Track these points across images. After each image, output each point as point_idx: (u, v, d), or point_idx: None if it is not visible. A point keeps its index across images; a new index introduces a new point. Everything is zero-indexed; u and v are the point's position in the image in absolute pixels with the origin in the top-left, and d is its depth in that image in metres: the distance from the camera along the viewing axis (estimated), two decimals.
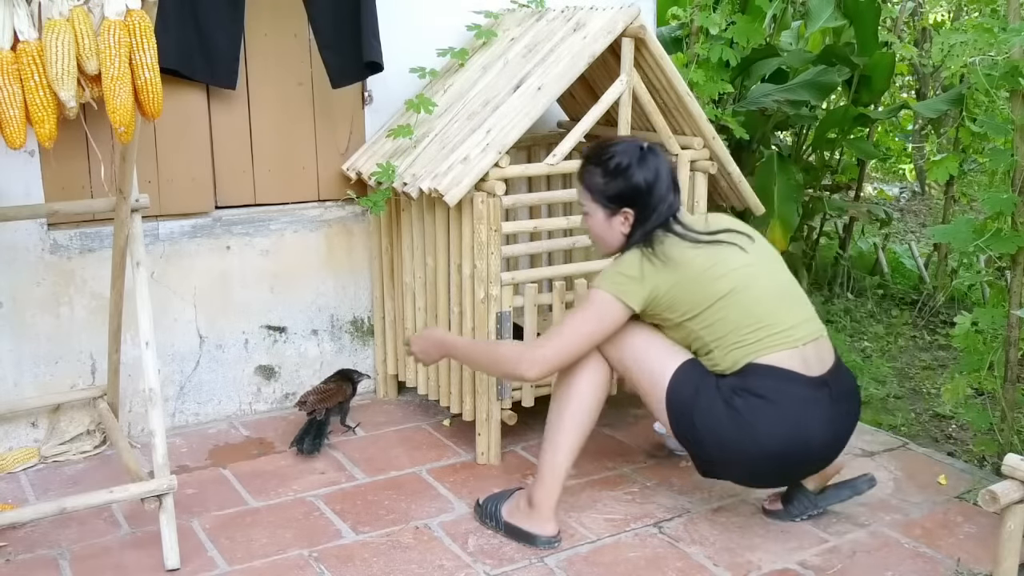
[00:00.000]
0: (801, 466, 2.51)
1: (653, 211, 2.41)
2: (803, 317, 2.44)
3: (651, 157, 2.43)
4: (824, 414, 2.38)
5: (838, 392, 2.42)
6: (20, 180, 2.92)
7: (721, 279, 2.36)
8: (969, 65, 2.82)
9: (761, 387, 2.32)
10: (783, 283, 2.48)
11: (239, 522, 2.69)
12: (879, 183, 7.70)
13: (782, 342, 2.36)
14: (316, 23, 3.19)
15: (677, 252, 2.37)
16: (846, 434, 2.48)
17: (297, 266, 3.40)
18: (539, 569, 2.45)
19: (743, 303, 2.35)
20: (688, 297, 2.36)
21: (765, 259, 2.48)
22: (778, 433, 2.32)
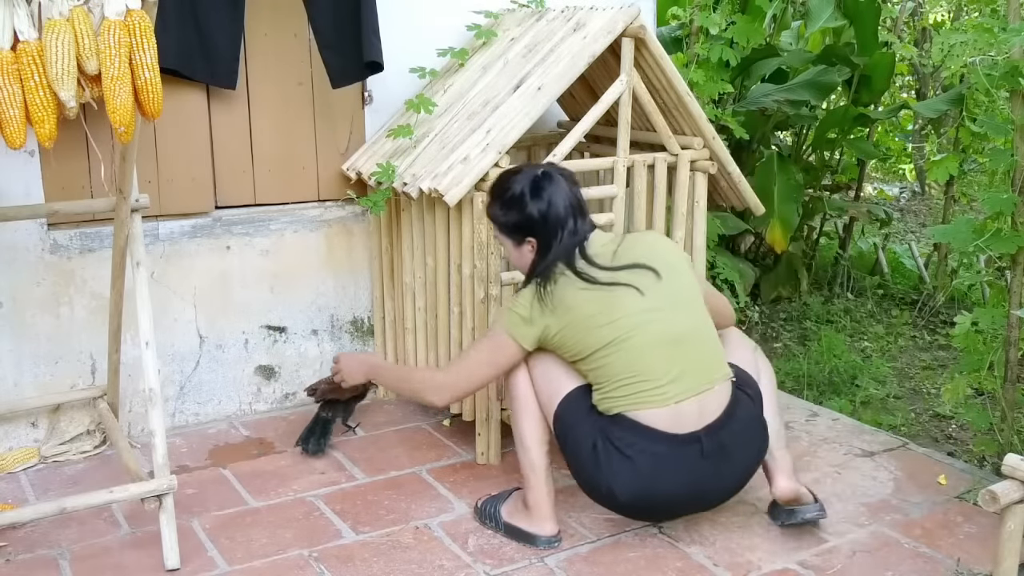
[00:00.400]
0: (659, 515, 2.53)
1: (553, 240, 2.40)
2: (689, 370, 2.36)
3: (546, 186, 2.41)
4: (682, 472, 2.35)
5: (713, 447, 2.36)
6: (20, 180, 2.92)
7: (606, 327, 2.33)
8: (969, 65, 2.82)
9: (621, 440, 2.34)
10: (676, 331, 2.37)
11: (239, 522, 2.69)
12: (879, 183, 7.71)
13: (653, 399, 2.33)
14: (316, 23, 3.19)
15: (568, 295, 2.35)
16: (718, 487, 2.43)
17: (297, 266, 3.40)
18: (539, 569, 2.45)
19: (623, 355, 2.33)
20: (573, 343, 2.38)
21: (665, 301, 2.37)
22: (627, 487, 2.36)
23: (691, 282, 2.48)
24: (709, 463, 2.37)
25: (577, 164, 3.08)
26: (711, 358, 2.43)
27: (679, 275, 2.45)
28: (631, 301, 2.35)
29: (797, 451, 3.11)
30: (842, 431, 3.27)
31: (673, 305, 2.39)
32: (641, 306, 2.35)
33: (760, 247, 5.26)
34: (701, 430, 2.37)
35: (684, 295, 2.43)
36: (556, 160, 2.89)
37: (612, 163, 3.03)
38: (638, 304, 2.35)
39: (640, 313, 2.34)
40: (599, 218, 3.01)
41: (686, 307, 2.42)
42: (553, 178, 2.44)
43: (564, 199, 2.41)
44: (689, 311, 2.43)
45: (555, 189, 2.41)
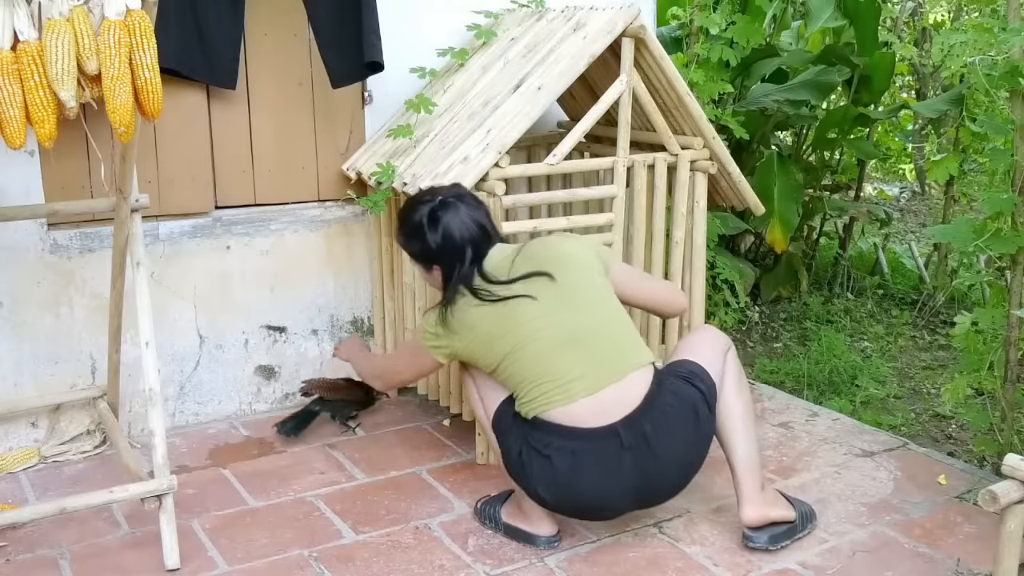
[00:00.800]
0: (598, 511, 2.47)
1: (454, 266, 2.49)
2: (592, 365, 2.37)
3: (442, 216, 2.49)
4: (604, 466, 2.34)
5: (633, 438, 2.34)
6: (20, 180, 2.92)
7: (504, 339, 2.40)
8: (969, 65, 2.82)
9: (539, 441, 2.38)
10: (573, 330, 2.39)
11: (239, 522, 2.69)
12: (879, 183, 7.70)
13: (559, 398, 2.36)
14: (316, 23, 3.19)
15: (467, 315, 2.44)
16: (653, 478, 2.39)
17: (297, 266, 3.40)
18: (539, 569, 2.45)
19: (524, 361, 2.39)
20: (480, 358, 2.47)
21: (560, 303, 2.40)
22: (549, 487, 2.39)
23: (592, 279, 2.48)
24: (632, 454, 2.35)
25: (577, 164, 3.08)
26: (619, 350, 2.42)
27: (578, 274, 2.46)
28: (525, 310, 2.40)
29: (797, 451, 3.11)
30: (842, 431, 3.27)
31: (568, 306, 2.41)
32: (535, 313, 2.40)
33: (760, 247, 5.26)
34: (619, 421, 2.35)
35: (582, 294, 2.44)
36: (556, 160, 2.89)
37: (612, 163, 3.03)
38: (532, 311, 2.40)
39: (535, 320, 2.39)
40: (599, 218, 3.02)
41: (584, 305, 2.43)
42: (450, 206, 2.51)
43: (460, 227, 2.49)
44: (588, 309, 2.43)
45: (451, 218, 2.49)
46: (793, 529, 2.53)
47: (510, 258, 2.49)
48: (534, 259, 2.46)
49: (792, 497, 2.63)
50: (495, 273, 2.46)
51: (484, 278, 2.46)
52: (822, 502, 2.77)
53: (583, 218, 3.01)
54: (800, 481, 2.90)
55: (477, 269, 2.48)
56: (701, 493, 2.81)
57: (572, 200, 3.05)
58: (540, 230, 2.99)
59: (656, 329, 3.25)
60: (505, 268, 2.47)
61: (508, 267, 2.47)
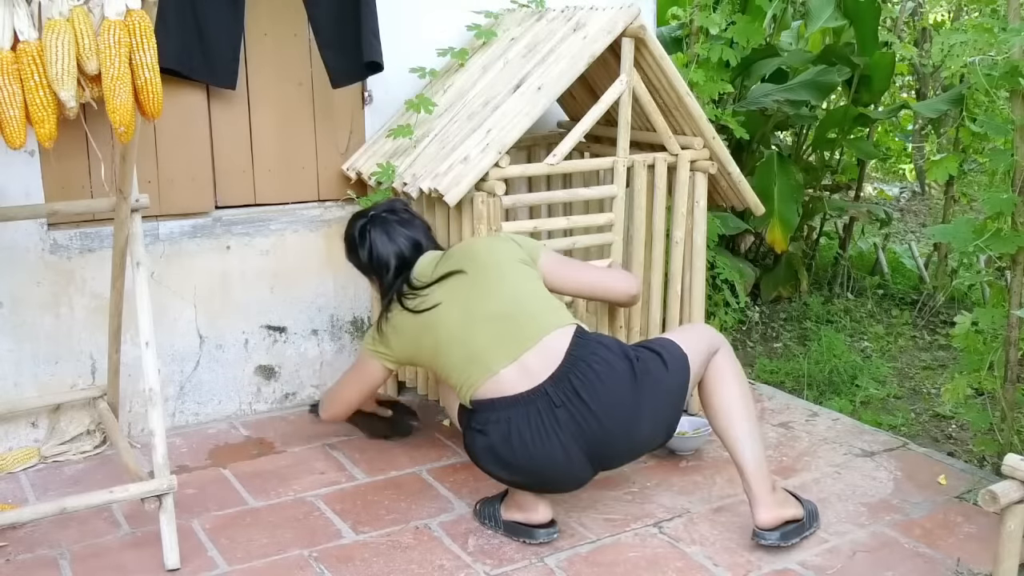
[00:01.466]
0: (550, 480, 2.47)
1: (383, 278, 2.71)
2: (507, 337, 2.44)
3: (370, 231, 2.72)
4: (541, 427, 2.37)
5: (564, 394, 2.37)
6: (20, 180, 2.92)
7: (427, 338, 2.55)
8: (969, 65, 2.82)
9: (477, 422, 2.46)
10: (485, 312, 2.48)
11: (239, 522, 2.69)
12: (879, 183, 7.71)
13: (482, 372, 2.44)
14: (316, 23, 3.19)
15: (396, 321, 2.63)
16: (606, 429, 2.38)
17: (297, 266, 3.40)
18: (539, 569, 2.45)
19: (448, 353, 2.51)
20: (417, 360, 2.67)
21: (473, 293, 2.52)
22: (497, 460, 2.44)
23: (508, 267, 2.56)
24: (566, 410, 2.37)
25: (577, 164, 3.08)
26: (533, 318, 2.48)
27: (491, 266, 2.56)
28: (444, 309, 2.53)
29: (797, 451, 3.11)
30: (842, 431, 3.27)
31: (481, 294, 2.51)
32: (452, 310, 2.52)
33: (760, 247, 5.26)
34: (545, 381, 2.39)
35: (494, 281, 2.53)
36: (556, 160, 2.89)
37: (612, 163, 3.03)
38: (450, 309, 2.52)
39: (452, 315, 2.51)
40: (599, 218, 3.02)
41: (496, 290, 2.52)
42: (379, 222, 2.73)
43: (386, 242, 2.70)
44: (500, 291, 2.51)
45: (378, 233, 2.71)
46: (802, 527, 2.54)
47: (433, 263, 2.64)
48: (451, 259, 2.60)
49: (798, 495, 2.64)
50: (420, 279, 2.61)
51: (410, 286, 2.61)
52: (822, 502, 2.77)
53: (583, 218, 3.01)
54: (800, 481, 2.90)
55: (405, 279, 2.64)
56: (701, 493, 2.81)
57: (572, 200, 3.05)
58: (540, 230, 3.00)
59: (656, 329, 3.25)
60: (428, 273, 2.61)
61: (431, 272, 2.60)
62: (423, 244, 2.73)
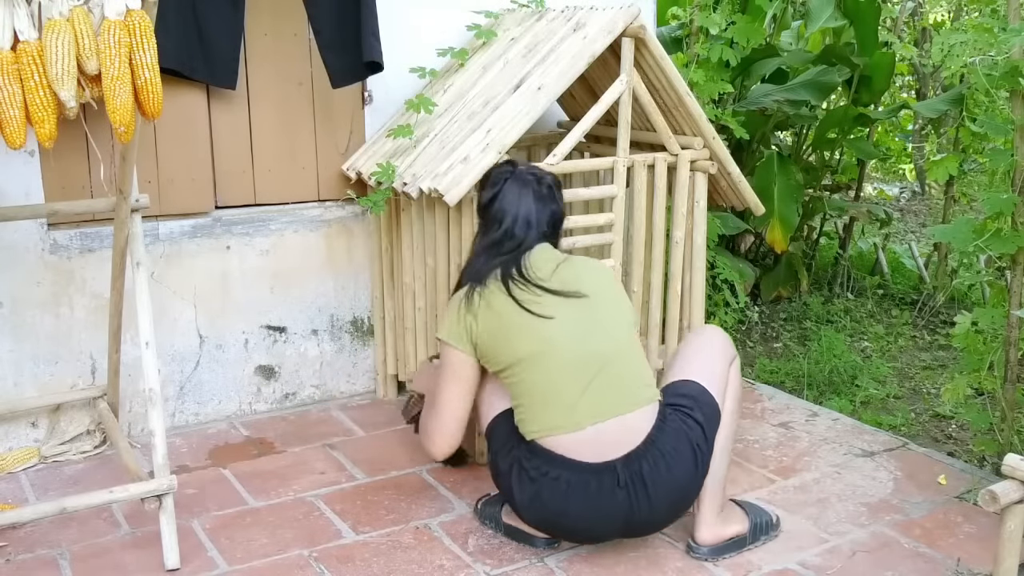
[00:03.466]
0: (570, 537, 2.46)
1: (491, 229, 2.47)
2: (603, 393, 2.32)
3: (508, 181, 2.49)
4: (594, 501, 2.31)
5: (630, 477, 2.30)
6: (20, 180, 2.92)
7: (523, 341, 2.33)
8: (969, 65, 2.82)
9: (533, 467, 2.34)
10: (591, 353, 2.33)
11: (239, 522, 2.69)
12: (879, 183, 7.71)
13: (564, 424, 2.31)
14: (316, 23, 3.19)
15: (496, 301, 2.37)
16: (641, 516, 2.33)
17: (297, 266, 3.40)
18: (539, 569, 2.45)
19: (536, 371, 2.33)
20: (493, 350, 2.37)
21: (586, 325, 2.35)
22: (536, 511, 2.38)
23: (620, 310, 2.45)
24: (626, 493, 2.30)
25: (577, 164, 3.08)
26: (629, 384, 2.36)
27: (608, 302, 2.43)
28: (556, 327, 2.34)
29: (797, 451, 3.11)
30: (842, 431, 3.27)
31: (593, 329, 2.36)
32: (560, 326, 2.34)
33: (760, 247, 5.26)
34: (618, 459, 2.31)
35: (609, 320, 2.40)
36: (556, 160, 2.89)
37: (612, 163, 3.03)
38: (557, 324, 2.34)
39: (558, 333, 2.33)
40: (599, 218, 3.02)
41: (608, 332, 2.38)
42: (522, 180, 2.50)
43: (515, 200, 2.47)
44: (610, 336, 2.38)
45: (513, 187, 2.48)
46: (741, 542, 2.51)
47: (553, 264, 2.43)
48: (574, 270, 2.42)
49: (752, 506, 2.60)
50: (536, 271, 2.39)
51: (522, 272, 2.39)
52: (822, 502, 2.77)
53: (583, 218, 3.01)
54: (800, 481, 2.90)
55: (517, 257, 2.41)
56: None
57: (572, 200, 3.05)
58: None
59: (656, 328, 3.25)
60: (548, 271, 2.41)
61: (552, 270, 2.41)
62: (545, 231, 2.49)
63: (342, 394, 3.56)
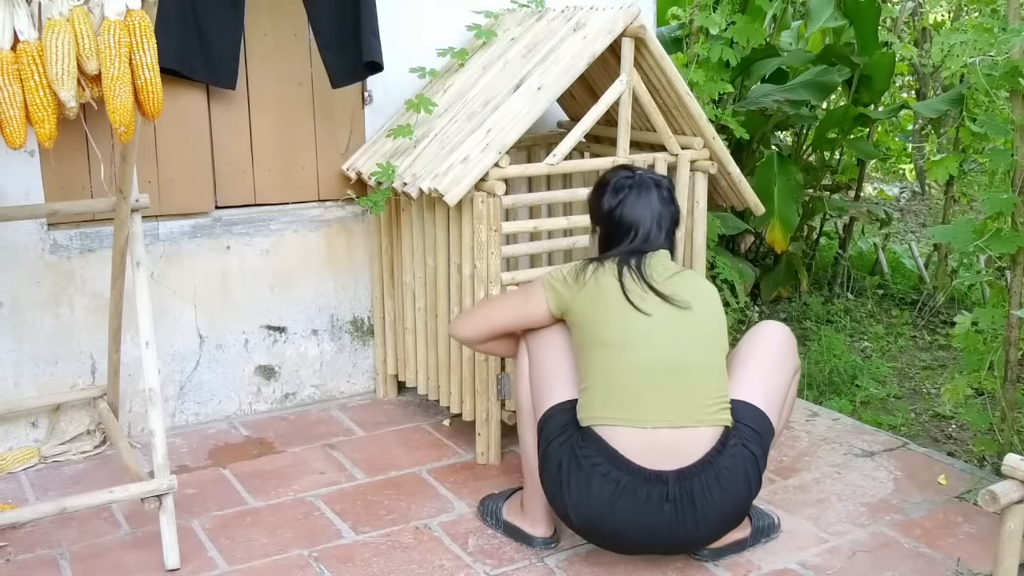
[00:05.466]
0: (612, 545, 2.40)
1: (613, 237, 2.46)
2: (674, 399, 2.29)
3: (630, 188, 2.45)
4: (639, 509, 2.26)
5: (680, 493, 2.26)
6: (20, 180, 2.92)
7: (614, 326, 2.32)
8: (969, 65, 2.82)
9: (587, 458, 2.29)
10: (676, 360, 2.30)
11: (239, 522, 2.69)
12: (879, 183, 7.71)
13: (626, 418, 2.28)
14: (316, 23, 3.19)
15: (604, 278, 2.37)
16: (681, 535, 2.29)
17: (297, 266, 3.40)
18: (539, 569, 2.45)
19: (616, 359, 2.30)
20: (583, 325, 2.37)
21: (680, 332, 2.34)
22: (582, 508, 2.30)
23: (716, 332, 2.40)
24: (672, 508, 2.26)
25: (577, 164, 3.08)
26: (703, 400, 2.32)
27: (707, 321, 2.39)
28: (646, 316, 2.32)
29: (797, 451, 3.11)
30: (842, 431, 3.27)
31: (682, 339, 2.33)
32: (655, 323, 2.32)
33: (760, 247, 5.26)
34: (672, 472, 2.26)
35: (702, 336, 2.37)
36: (556, 160, 2.89)
37: (612, 163, 3.02)
38: (649, 322, 2.32)
39: (646, 331, 2.31)
40: None
41: (697, 346, 2.35)
42: (644, 186, 2.46)
43: (639, 208, 2.44)
44: (698, 350, 2.34)
45: (636, 195, 2.44)
46: (742, 544, 2.51)
47: (670, 272, 2.41)
48: (686, 281, 2.41)
49: (754, 509, 2.59)
50: (653, 273, 2.38)
51: (639, 269, 2.38)
52: (822, 502, 2.77)
53: (583, 218, 3.00)
54: (800, 481, 2.90)
55: (637, 258, 2.40)
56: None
57: (572, 200, 3.05)
58: (540, 230, 3.00)
59: None
60: (663, 278, 2.38)
61: (667, 277, 2.39)
62: (667, 237, 2.48)
63: (342, 394, 3.56)
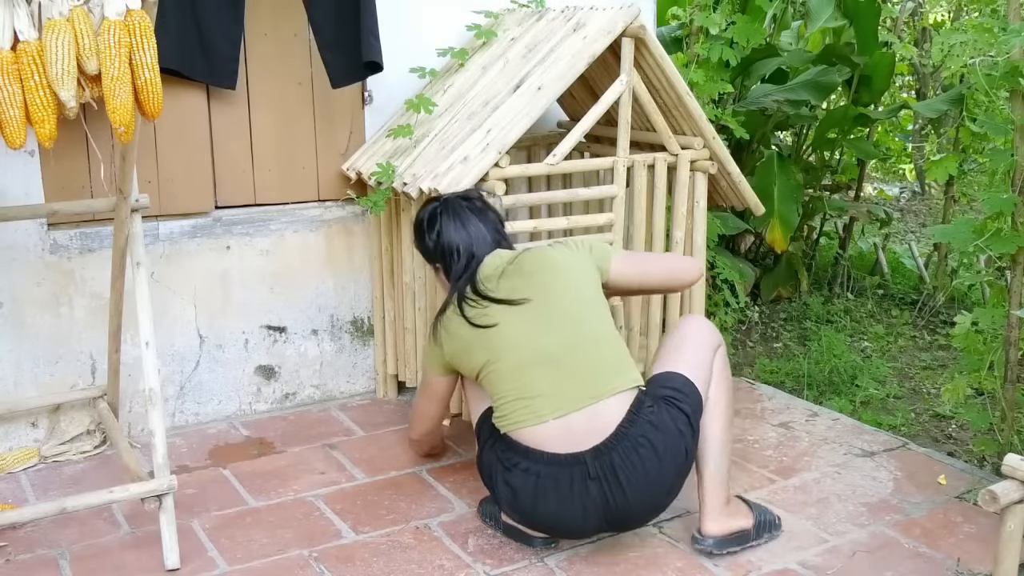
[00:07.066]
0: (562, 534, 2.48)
1: (452, 270, 2.56)
2: (565, 386, 2.34)
3: (441, 217, 2.58)
4: (566, 494, 2.32)
5: (601, 469, 2.30)
6: (20, 180, 2.92)
7: (481, 351, 2.43)
8: (969, 65, 2.82)
9: (508, 460, 2.40)
10: (548, 349, 2.36)
11: (239, 522, 2.69)
12: (879, 183, 7.71)
13: (528, 418, 2.35)
14: (316, 23, 3.19)
15: (451, 323, 2.50)
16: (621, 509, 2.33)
17: (297, 266, 3.40)
18: (539, 569, 2.45)
19: (498, 373, 2.41)
20: (462, 365, 2.51)
21: (542, 318, 2.39)
22: (512, 506, 2.42)
23: (581, 293, 2.45)
24: (598, 485, 2.30)
25: (577, 164, 3.08)
26: (596, 372, 2.37)
27: (564, 288, 2.44)
28: (503, 330, 2.41)
29: (797, 451, 3.11)
30: (842, 431, 3.27)
31: (548, 322, 2.39)
32: (511, 333, 2.41)
33: (760, 247, 5.26)
34: (587, 451, 2.31)
35: (565, 310, 2.41)
36: (556, 160, 2.89)
37: (612, 163, 3.03)
38: (508, 332, 2.41)
39: (512, 334, 2.40)
40: (599, 218, 3.02)
41: (566, 322, 2.40)
42: (453, 209, 2.59)
43: (456, 230, 2.57)
44: (569, 326, 2.40)
45: (449, 220, 2.58)
46: (745, 537, 2.50)
47: (501, 268, 2.50)
48: (521, 272, 2.47)
49: (757, 505, 2.60)
50: (485, 282, 2.48)
51: (474, 288, 2.48)
52: (822, 502, 2.77)
53: (583, 218, 3.01)
54: (800, 481, 2.90)
55: (471, 276, 2.51)
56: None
57: (572, 200, 3.05)
58: (540, 230, 3.00)
59: (656, 329, 3.25)
60: (495, 278, 2.48)
61: (497, 277, 2.48)
62: (493, 239, 2.59)
63: (342, 394, 3.56)
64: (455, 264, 2.55)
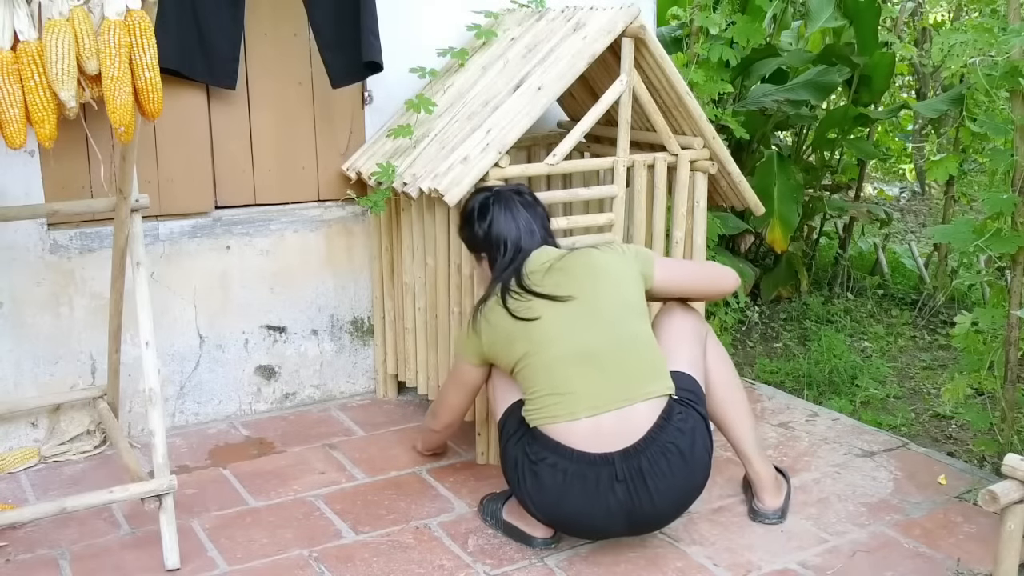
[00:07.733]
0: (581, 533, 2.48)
1: (495, 260, 2.56)
2: (602, 385, 2.36)
3: (492, 207, 2.57)
4: (592, 494, 2.32)
5: (629, 471, 2.31)
6: (20, 180, 2.92)
7: (520, 341, 2.42)
8: (969, 65, 2.82)
9: (535, 454, 2.38)
10: (589, 347, 2.38)
11: (239, 522, 2.69)
12: (879, 183, 7.71)
13: (562, 413, 2.35)
14: (316, 23, 3.19)
15: (492, 313, 2.48)
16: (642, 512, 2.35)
17: (297, 266, 3.40)
18: (539, 569, 2.45)
19: (535, 367, 2.40)
20: (500, 357, 2.49)
21: (583, 316, 2.40)
22: (537, 500, 2.40)
23: (624, 296, 2.46)
24: (624, 487, 2.32)
25: (577, 164, 3.08)
26: (632, 376, 2.38)
27: (609, 290, 2.45)
28: (544, 325, 2.41)
29: (797, 451, 3.11)
30: (842, 431, 3.27)
31: (590, 321, 2.40)
32: (553, 329, 2.40)
33: (760, 247, 5.26)
34: (617, 452, 2.32)
35: (607, 311, 2.42)
36: (556, 160, 2.89)
37: (612, 163, 3.03)
38: (550, 328, 2.40)
39: (553, 328, 2.40)
40: (599, 218, 3.02)
41: (607, 323, 2.41)
42: (503, 200, 2.58)
43: (508, 222, 2.56)
44: (610, 327, 2.41)
45: (499, 211, 2.57)
46: (788, 497, 2.70)
47: (548, 264, 2.49)
48: (567, 270, 2.47)
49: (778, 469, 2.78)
50: (531, 276, 2.47)
51: (519, 281, 2.47)
52: (822, 502, 2.77)
53: (583, 218, 3.01)
54: (800, 481, 2.90)
55: (517, 269, 2.50)
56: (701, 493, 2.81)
57: (572, 200, 3.05)
58: None
59: None
60: (540, 273, 2.48)
61: (543, 272, 2.47)
62: (541, 235, 2.59)
63: (342, 394, 3.56)
64: (501, 256, 2.54)
